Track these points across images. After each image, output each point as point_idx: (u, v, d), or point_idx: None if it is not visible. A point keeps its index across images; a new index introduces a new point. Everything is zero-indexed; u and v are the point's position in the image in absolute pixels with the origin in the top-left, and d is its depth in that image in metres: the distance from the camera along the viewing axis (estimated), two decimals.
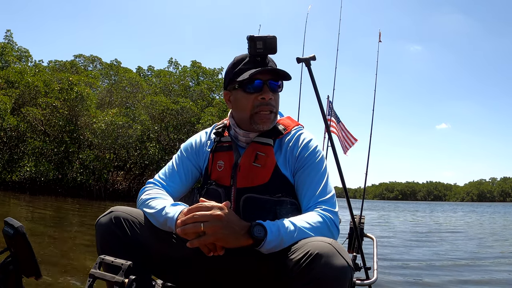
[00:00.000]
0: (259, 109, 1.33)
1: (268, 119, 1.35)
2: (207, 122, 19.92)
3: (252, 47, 1.30)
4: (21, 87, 20.41)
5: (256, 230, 1.11)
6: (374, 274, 1.75)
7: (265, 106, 1.33)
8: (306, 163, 1.35)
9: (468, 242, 9.23)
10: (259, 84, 1.32)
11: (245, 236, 1.11)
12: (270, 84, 1.33)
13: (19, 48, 27.46)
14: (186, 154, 1.49)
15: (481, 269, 5.65)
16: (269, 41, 1.29)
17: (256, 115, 1.34)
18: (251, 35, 1.29)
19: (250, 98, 1.33)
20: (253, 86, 1.32)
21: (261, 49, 1.30)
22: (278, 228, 1.13)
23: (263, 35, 1.29)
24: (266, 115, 1.34)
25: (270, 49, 1.30)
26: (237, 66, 1.36)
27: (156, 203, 1.29)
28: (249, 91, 1.33)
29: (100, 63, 29.98)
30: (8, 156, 20.53)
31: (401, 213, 28.03)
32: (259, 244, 1.11)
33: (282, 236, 1.12)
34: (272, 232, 1.11)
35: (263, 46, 1.29)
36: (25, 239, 1.02)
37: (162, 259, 1.29)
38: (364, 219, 2.46)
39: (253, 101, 1.33)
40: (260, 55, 1.32)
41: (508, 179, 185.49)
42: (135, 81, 24.22)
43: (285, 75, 1.35)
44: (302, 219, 1.19)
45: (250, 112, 1.34)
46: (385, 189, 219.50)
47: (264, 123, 1.34)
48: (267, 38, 1.29)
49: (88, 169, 20.33)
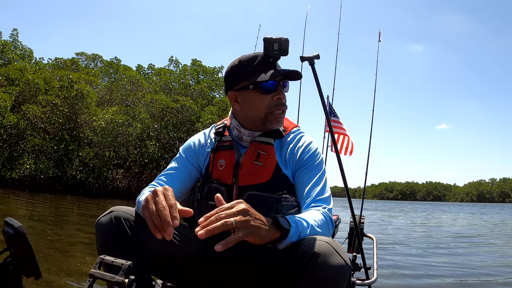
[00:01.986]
0: (274, 109, 1.36)
1: (281, 118, 1.39)
2: (207, 120, 19.92)
3: (269, 48, 1.34)
4: (21, 84, 20.41)
5: (283, 221, 1.08)
6: (374, 274, 1.75)
7: (281, 106, 1.37)
8: (306, 164, 1.37)
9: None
10: (274, 85, 1.36)
11: (272, 229, 1.07)
12: (284, 84, 1.39)
13: (23, 47, 27.45)
14: (185, 156, 1.49)
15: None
16: (284, 43, 1.35)
17: (271, 114, 1.36)
18: (269, 37, 1.33)
19: (265, 98, 1.36)
20: (269, 87, 1.36)
21: (277, 51, 1.34)
22: (296, 223, 1.12)
23: (278, 37, 1.34)
24: (279, 114, 1.38)
25: (284, 51, 1.35)
26: (248, 66, 1.36)
27: (140, 196, 1.30)
28: (265, 92, 1.36)
29: (101, 61, 29.98)
30: (8, 153, 20.55)
31: (408, 213, 27.85)
32: (283, 238, 1.08)
33: (300, 231, 1.11)
34: (293, 226, 1.10)
35: (279, 48, 1.34)
36: (25, 239, 1.01)
37: (162, 259, 1.29)
38: (364, 219, 2.47)
39: (269, 101, 1.36)
40: (276, 57, 1.36)
41: (507, 179, 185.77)
42: (135, 79, 24.21)
43: (299, 75, 1.40)
44: (310, 216, 1.19)
45: (265, 112, 1.37)
46: (384, 189, 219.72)
47: (278, 122, 1.38)
48: (282, 40, 1.34)
49: (88, 167, 20.34)
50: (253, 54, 1.38)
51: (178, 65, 29.42)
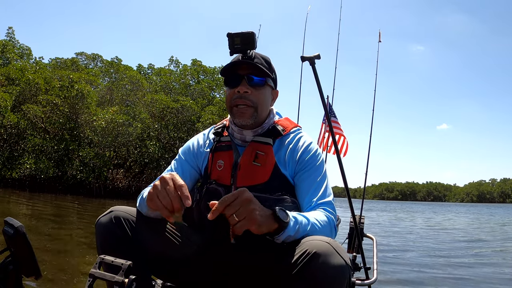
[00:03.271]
0: (235, 102, 1.34)
1: (244, 113, 1.34)
2: (207, 120, 19.91)
3: (230, 43, 1.31)
4: (21, 84, 20.41)
5: (281, 214, 1.08)
6: (374, 274, 1.75)
7: (240, 99, 1.34)
8: (307, 166, 1.35)
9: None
10: (236, 78, 1.34)
11: (270, 219, 1.07)
12: (249, 78, 1.34)
13: (21, 46, 27.45)
14: (184, 157, 1.49)
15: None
16: (246, 37, 1.30)
17: (234, 108, 1.35)
18: (229, 32, 1.31)
19: (230, 92, 1.36)
20: (230, 80, 1.35)
21: (239, 45, 1.31)
22: (295, 218, 1.12)
23: (241, 31, 1.31)
24: (241, 108, 1.34)
25: (248, 44, 1.31)
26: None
27: (143, 193, 1.30)
28: (228, 86, 1.37)
29: (101, 60, 29.97)
30: (8, 153, 20.54)
31: (415, 214, 27.57)
32: (281, 231, 1.08)
33: (298, 226, 1.11)
34: (292, 220, 1.10)
35: (241, 42, 1.31)
36: (25, 239, 1.01)
37: (162, 259, 1.29)
38: (364, 219, 2.47)
39: (231, 94, 1.35)
40: (239, 51, 1.33)
41: (508, 180, 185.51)
42: (135, 79, 24.21)
43: (259, 68, 1.33)
44: (312, 215, 1.19)
45: (230, 105, 1.37)
46: (385, 189, 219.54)
47: (240, 117, 1.35)
48: (244, 34, 1.30)
49: (88, 166, 20.33)
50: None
51: (178, 65, 29.43)
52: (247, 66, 1.33)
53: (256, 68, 1.33)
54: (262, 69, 1.33)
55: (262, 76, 1.36)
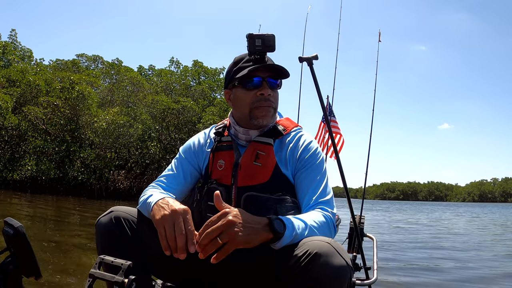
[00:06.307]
0: (258, 104, 1.35)
1: (268, 113, 1.37)
2: (208, 121, 19.92)
3: (251, 45, 1.32)
4: (22, 85, 20.42)
5: (277, 224, 1.08)
6: (374, 274, 1.75)
7: (264, 101, 1.36)
8: (307, 165, 1.36)
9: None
10: (258, 80, 1.35)
11: (265, 230, 1.07)
12: (269, 81, 1.36)
13: (22, 48, 27.49)
14: (185, 156, 1.49)
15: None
16: (267, 39, 1.31)
17: (255, 109, 1.36)
18: (250, 33, 1.31)
19: (249, 94, 1.36)
20: (252, 83, 1.35)
21: (260, 46, 1.32)
22: (292, 223, 1.12)
23: (262, 33, 1.32)
24: (263, 109, 1.36)
25: (269, 47, 1.32)
26: (237, 65, 1.39)
27: (147, 196, 1.30)
28: (248, 88, 1.36)
29: (101, 62, 29.99)
30: (9, 155, 20.57)
31: (423, 214, 27.41)
32: (278, 239, 1.08)
33: (296, 231, 1.11)
34: (289, 227, 1.10)
35: (262, 44, 1.32)
36: (25, 239, 1.02)
37: (162, 259, 1.29)
38: (364, 219, 2.46)
39: (253, 97, 1.35)
40: (259, 53, 1.34)
41: (509, 179, 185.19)
42: (136, 80, 24.22)
43: (284, 72, 1.37)
44: (310, 217, 1.19)
45: (249, 108, 1.36)
46: (386, 189, 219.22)
47: (264, 117, 1.36)
48: (266, 36, 1.31)
49: (89, 168, 20.35)
50: (246, 53, 1.39)
51: (179, 66, 29.45)
52: (266, 69, 1.35)
53: (275, 71, 1.37)
54: (281, 71, 1.37)
55: (277, 79, 1.39)
